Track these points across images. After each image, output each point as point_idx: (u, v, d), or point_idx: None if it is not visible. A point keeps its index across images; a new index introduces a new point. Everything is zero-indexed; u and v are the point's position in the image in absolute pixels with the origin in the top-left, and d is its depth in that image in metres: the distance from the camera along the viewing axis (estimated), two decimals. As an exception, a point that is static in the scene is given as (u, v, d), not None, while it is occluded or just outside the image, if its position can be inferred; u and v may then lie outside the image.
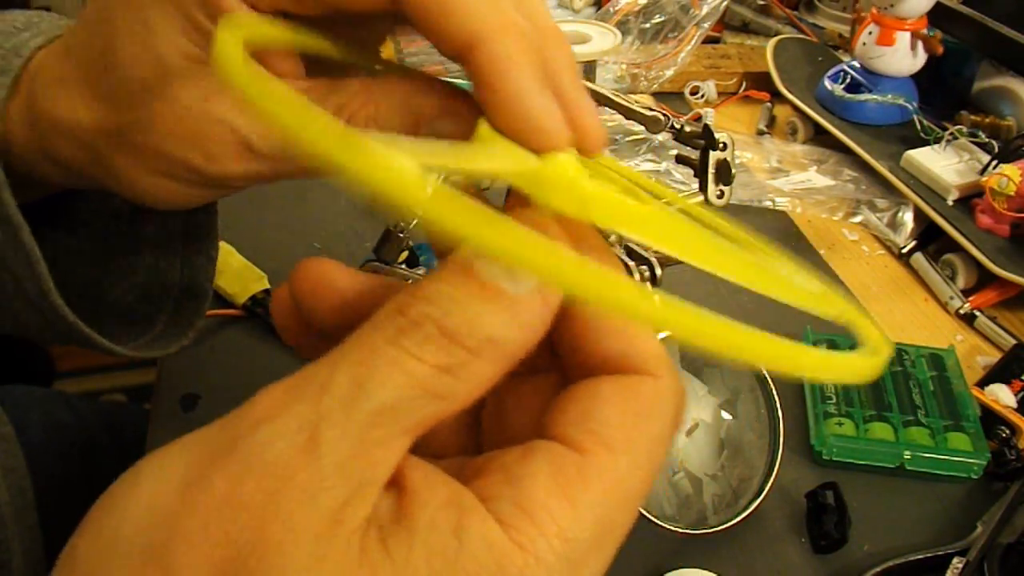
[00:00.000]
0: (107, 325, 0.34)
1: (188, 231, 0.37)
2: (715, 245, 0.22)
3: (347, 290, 0.22)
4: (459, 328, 0.18)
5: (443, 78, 0.25)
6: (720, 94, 0.90)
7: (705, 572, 0.44)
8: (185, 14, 0.25)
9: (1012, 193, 0.63)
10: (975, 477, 0.50)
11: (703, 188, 0.59)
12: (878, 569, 0.45)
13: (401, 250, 0.49)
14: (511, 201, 0.22)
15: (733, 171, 0.59)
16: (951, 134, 0.71)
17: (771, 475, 0.47)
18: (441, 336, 0.18)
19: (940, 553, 0.45)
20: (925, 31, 0.77)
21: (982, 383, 0.55)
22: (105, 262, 0.37)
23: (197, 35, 0.25)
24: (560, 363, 0.22)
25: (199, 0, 0.25)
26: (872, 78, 0.79)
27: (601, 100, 0.60)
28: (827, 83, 0.81)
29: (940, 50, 0.76)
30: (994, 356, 0.59)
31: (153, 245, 0.37)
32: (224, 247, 0.62)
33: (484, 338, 0.18)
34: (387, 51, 0.96)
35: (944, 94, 0.80)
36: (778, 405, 0.48)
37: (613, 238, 0.55)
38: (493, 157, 0.21)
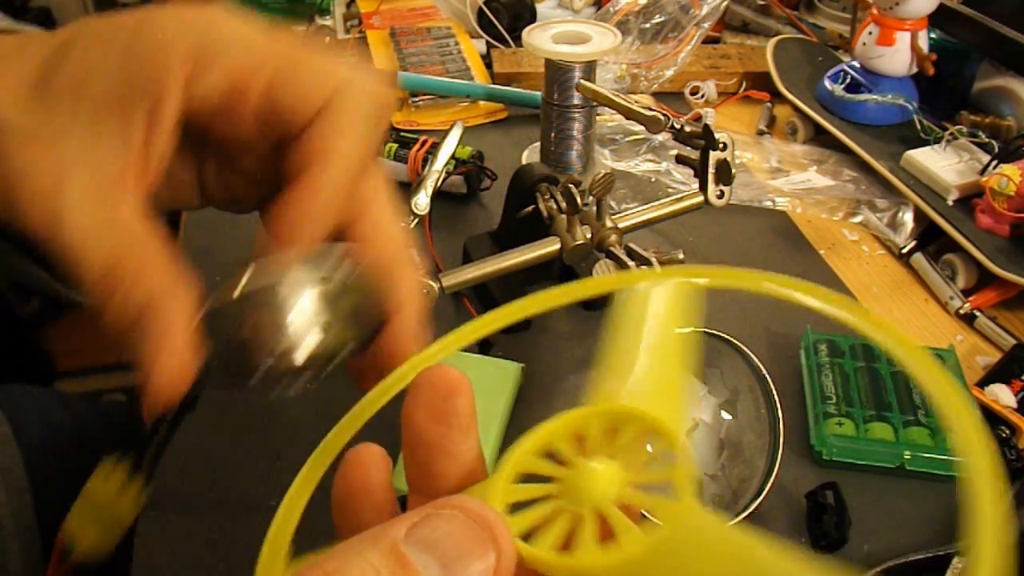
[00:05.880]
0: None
1: None
2: None
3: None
4: None
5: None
6: (720, 94, 0.90)
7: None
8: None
9: (1012, 193, 0.62)
10: (975, 477, 0.50)
11: (703, 188, 0.59)
12: (878, 569, 0.45)
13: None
14: None
15: (733, 171, 0.59)
16: (951, 134, 0.71)
17: (771, 475, 0.47)
18: None
19: (940, 553, 0.45)
20: (923, 38, 0.77)
21: (982, 383, 0.55)
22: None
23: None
24: None
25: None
26: (872, 78, 0.79)
27: (601, 100, 0.60)
28: (827, 83, 0.81)
29: (931, 71, 0.76)
30: (994, 356, 0.59)
31: None
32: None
33: None
34: (388, 56, 0.96)
35: (944, 94, 0.80)
36: (778, 405, 0.48)
37: (613, 238, 0.54)
38: None
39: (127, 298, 0.26)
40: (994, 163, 0.67)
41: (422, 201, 0.48)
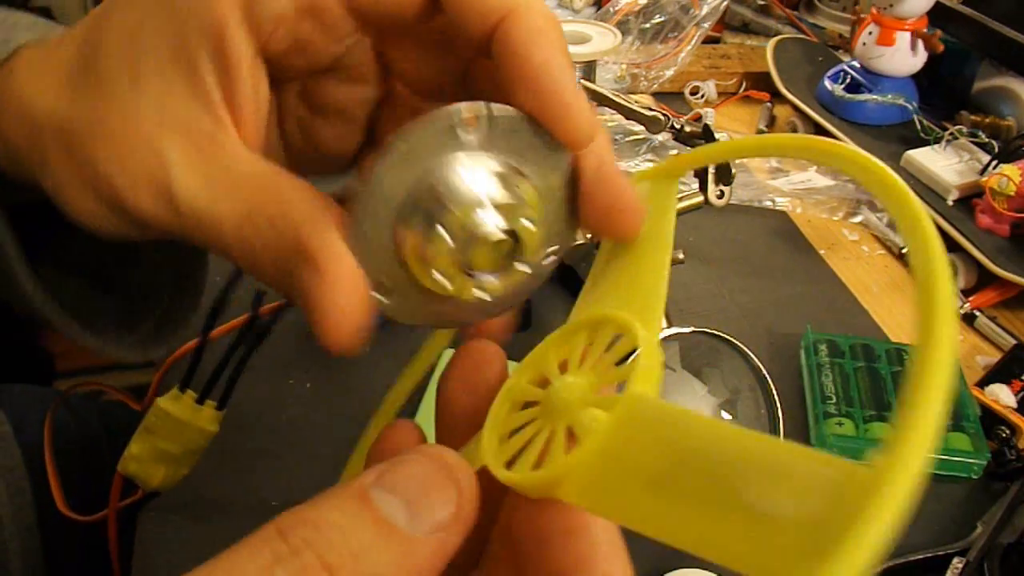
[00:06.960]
0: (96, 325, 0.33)
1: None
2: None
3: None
4: (343, 563, 0.17)
5: None
6: (720, 94, 0.90)
7: (705, 572, 0.43)
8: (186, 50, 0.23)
9: (1012, 193, 0.63)
10: (975, 477, 0.50)
11: (703, 188, 0.59)
12: (878, 569, 0.45)
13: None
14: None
15: (733, 171, 0.59)
16: (951, 134, 0.71)
17: (771, 475, 0.47)
18: (321, 569, 0.17)
19: (940, 553, 0.45)
20: (925, 30, 0.77)
21: (982, 383, 0.55)
22: (99, 269, 0.36)
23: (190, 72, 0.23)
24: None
25: (209, 46, 0.23)
26: (872, 78, 0.79)
27: (601, 100, 0.60)
28: (827, 83, 0.81)
29: (940, 48, 0.76)
30: (994, 356, 0.59)
31: (150, 254, 0.36)
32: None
33: None
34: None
35: (944, 94, 0.80)
36: (778, 405, 0.48)
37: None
38: None
39: (275, 244, 0.22)
40: (994, 163, 0.67)
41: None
